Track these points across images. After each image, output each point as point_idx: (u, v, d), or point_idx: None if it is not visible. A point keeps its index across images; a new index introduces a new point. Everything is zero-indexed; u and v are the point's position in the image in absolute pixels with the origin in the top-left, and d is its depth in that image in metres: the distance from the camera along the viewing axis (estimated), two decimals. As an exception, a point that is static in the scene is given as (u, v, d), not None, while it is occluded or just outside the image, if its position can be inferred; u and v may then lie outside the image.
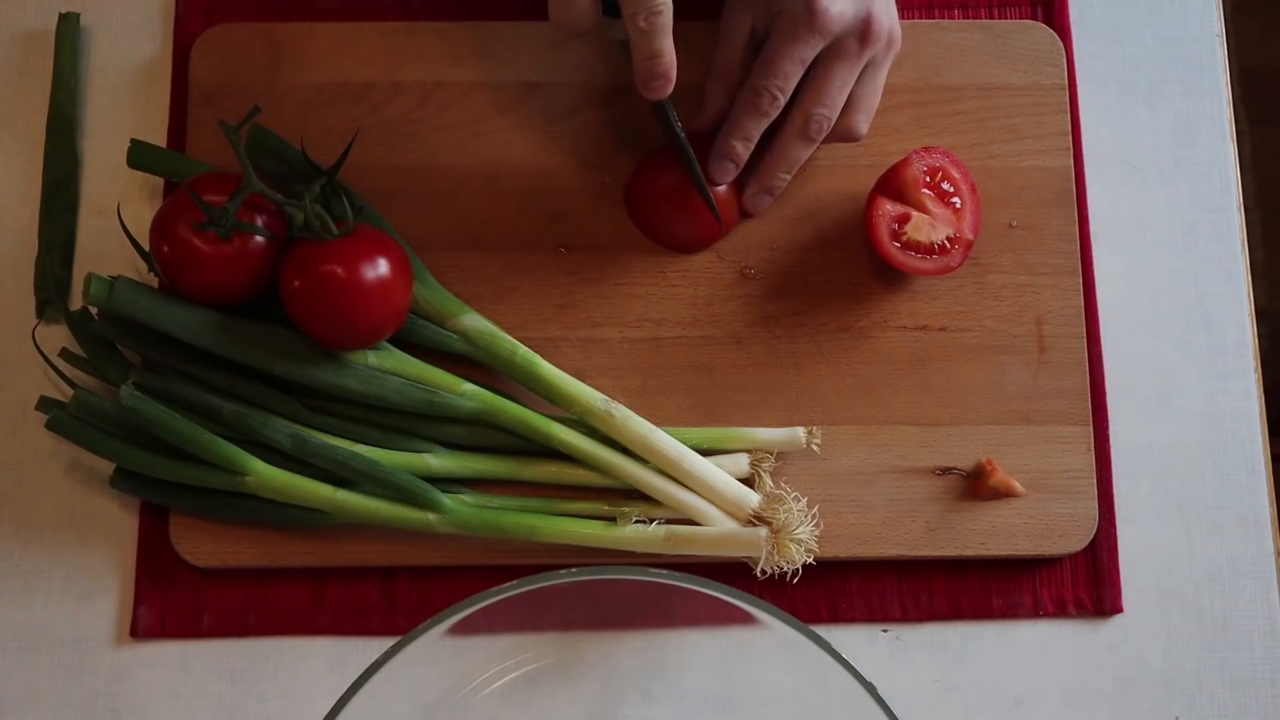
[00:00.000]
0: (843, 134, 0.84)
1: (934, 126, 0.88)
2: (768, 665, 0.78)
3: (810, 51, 0.79)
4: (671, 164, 0.84)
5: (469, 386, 0.81)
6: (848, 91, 0.81)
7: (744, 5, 0.82)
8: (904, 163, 0.83)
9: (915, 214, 0.83)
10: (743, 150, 0.82)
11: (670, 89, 0.79)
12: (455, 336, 0.82)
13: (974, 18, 0.91)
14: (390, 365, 0.81)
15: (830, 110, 0.81)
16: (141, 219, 0.84)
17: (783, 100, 0.80)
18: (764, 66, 0.80)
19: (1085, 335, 0.86)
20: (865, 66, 0.81)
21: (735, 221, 0.86)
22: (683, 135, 0.82)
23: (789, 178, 0.84)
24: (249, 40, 0.88)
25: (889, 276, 0.86)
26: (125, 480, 0.81)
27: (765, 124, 0.82)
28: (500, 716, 0.80)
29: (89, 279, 0.77)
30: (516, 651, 0.80)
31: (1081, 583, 0.83)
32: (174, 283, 0.79)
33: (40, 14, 0.89)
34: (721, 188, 0.84)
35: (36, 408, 0.81)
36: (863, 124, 0.83)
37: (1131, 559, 0.84)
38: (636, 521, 0.80)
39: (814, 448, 0.82)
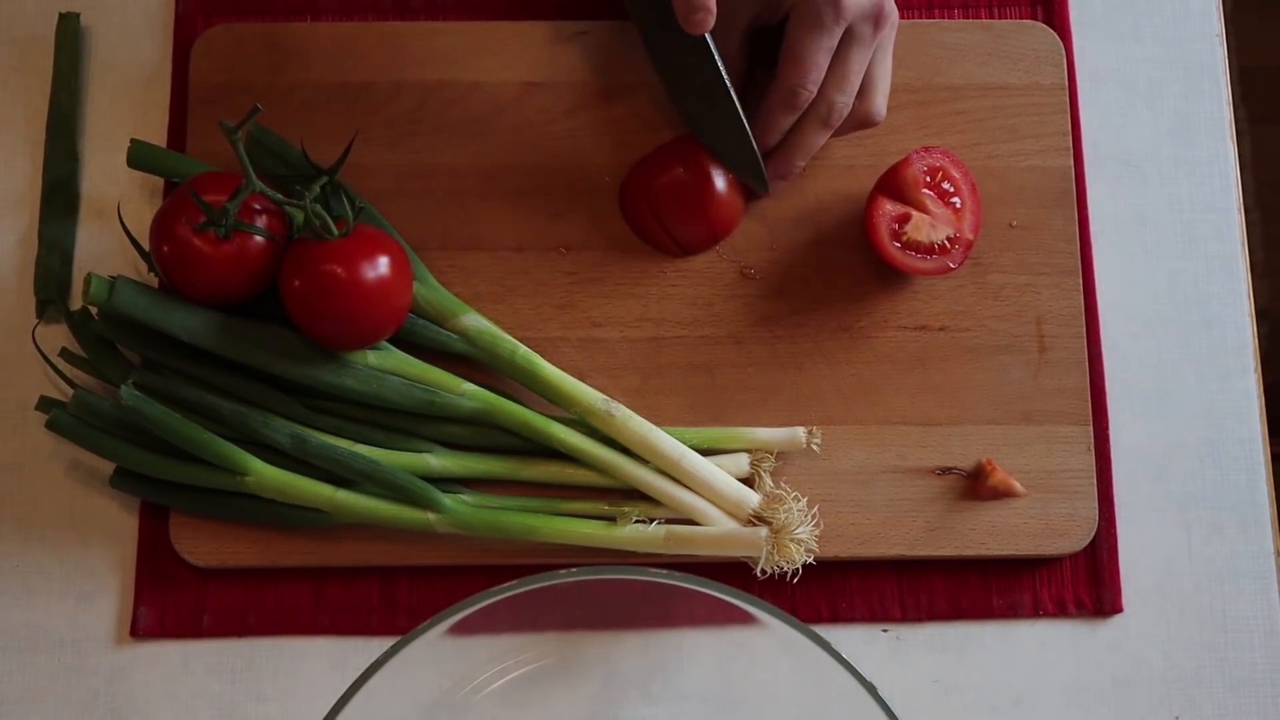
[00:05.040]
0: (863, 118, 0.84)
1: (934, 126, 0.88)
2: (768, 665, 0.78)
3: (834, 40, 0.79)
4: (667, 165, 0.84)
5: (469, 386, 0.81)
6: (863, 76, 0.82)
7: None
8: (904, 163, 0.83)
9: (915, 214, 0.83)
10: (774, 144, 0.84)
11: (712, 21, 0.77)
12: (455, 336, 0.82)
13: (974, 18, 0.91)
14: (390, 365, 0.81)
15: (850, 97, 0.82)
16: (141, 219, 0.84)
17: (814, 93, 0.81)
18: (794, 64, 0.80)
19: (1085, 335, 0.86)
20: (875, 49, 0.82)
21: (735, 223, 0.86)
22: (727, 78, 0.82)
23: (804, 164, 0.85)
24: (249, 40, 0.88)
25: (889, 276, 0.86)
26: (125, 480, 0.81)
27: (795, 118, 0.82)
28: (500, 716, 0.80)
29: (89, 279, 0.77)
30: (516, 651, 0.80)
31: (1081, 583, 0.83)
32: (174, 283, 0.79)
33: (40, 14, 0.89)
34: (723, 190, 0.84)
35: (36, 408, 0.81)
36: (882, 105, 0.84)
37: (1131, 559, 0.84)
38: (636, 521, 0.80)
39: (814, 448, 0.82)
